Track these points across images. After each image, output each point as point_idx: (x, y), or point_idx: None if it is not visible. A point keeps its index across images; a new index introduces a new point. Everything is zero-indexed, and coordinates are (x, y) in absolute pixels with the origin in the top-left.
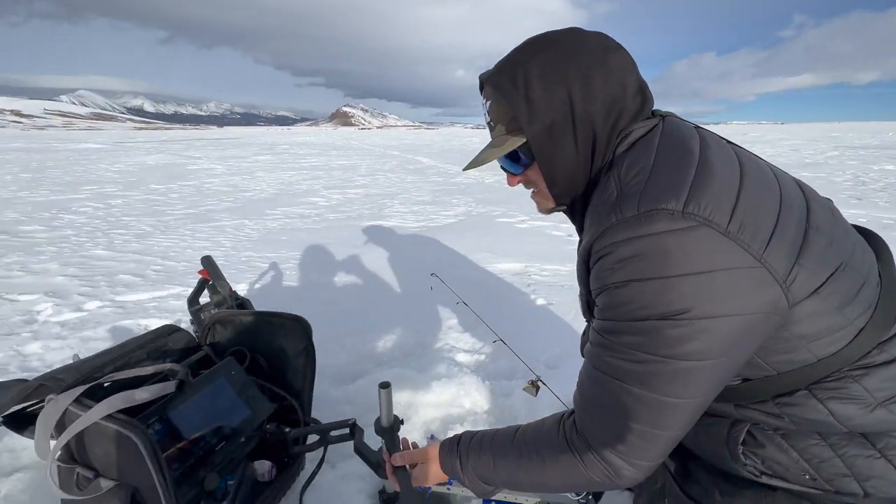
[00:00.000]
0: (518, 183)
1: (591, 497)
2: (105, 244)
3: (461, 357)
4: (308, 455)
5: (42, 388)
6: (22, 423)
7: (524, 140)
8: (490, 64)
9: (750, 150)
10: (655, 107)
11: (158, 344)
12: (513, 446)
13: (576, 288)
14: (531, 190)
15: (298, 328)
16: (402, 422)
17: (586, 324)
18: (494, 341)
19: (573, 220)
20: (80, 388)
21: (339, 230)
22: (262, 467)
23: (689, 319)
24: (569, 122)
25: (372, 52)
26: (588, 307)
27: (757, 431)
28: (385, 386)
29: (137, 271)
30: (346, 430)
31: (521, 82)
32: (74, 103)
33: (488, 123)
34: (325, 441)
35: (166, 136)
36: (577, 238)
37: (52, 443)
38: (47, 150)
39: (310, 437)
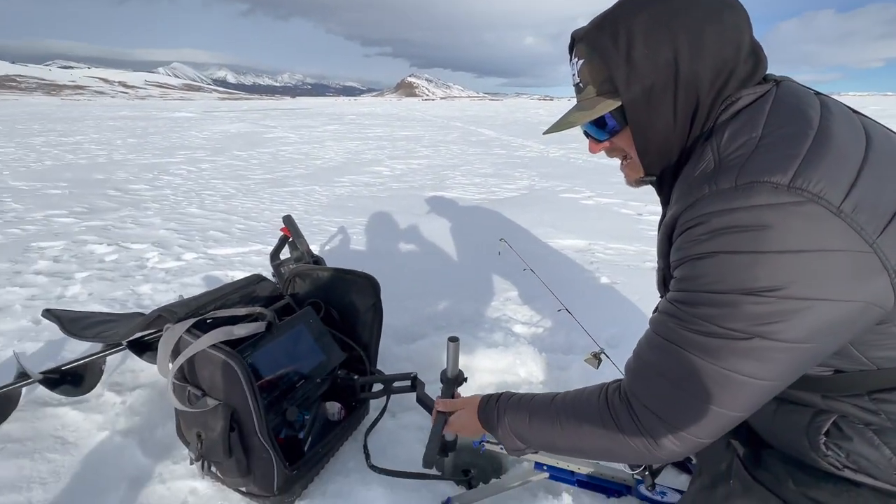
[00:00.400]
0: (600, 150)
1: (647, 473)
2: (197, 203)
3: (519, 328)
4: (372, 402)
5: (160, 318)
6: (142, 348)
7: (618, 104)
8: (561, 31)
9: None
10: None
11: (249, 290)
12: (551, 407)
13: (643, 269)
14: (620, 159)
15: (368, 285)
16: (465, 378)
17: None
18: (559, 310)
19: (660, 193)
20: (191, 321)
21: (402, 199)
22: (333, 408)
23: (778, 298)
24: (671, 85)
25: (440, 20)
26: (664, 282)
27: (844, 424)
28: (454, 340)
29: (224, 228)
30: (408, 382)
31: (623, 40)
32: (169, 75)
33: (576, 85)
34: (388, 390)
35: (246, 106)
36: (649, 217)
37: (170, 364)
38: (148, 118)
39: (375, 385)
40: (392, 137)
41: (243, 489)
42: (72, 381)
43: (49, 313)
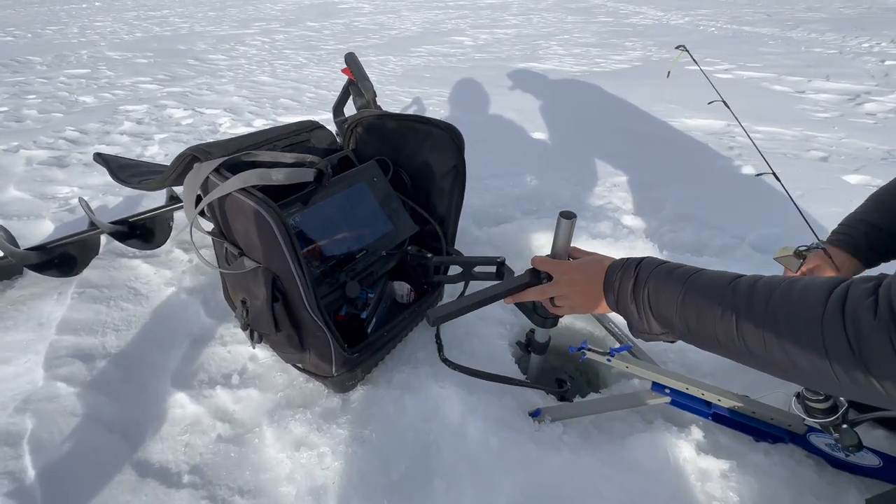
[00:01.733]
0: None
1: (842, 423)
2: (269, 72)
3: (630, 220)
4: (447, 287)
5: (193, 158)
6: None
7: None
8: None
9: None
10: None
11: (301, 138)
12: (728, 290)
13: (805, 159)
14: None
15: (448, 141)
16: None
17: None
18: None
19: None
20: (221, 159)
21: (486, 70)
22: (402, 289)
23: None
24: None
25: None
26: None
27: None
28: (568, 216)
29: (295, 97)
30: (493, 269)
31: None
32: None
33: None
34: (468, 275)
35: None
36: (815, 97)
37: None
38: None
39: (452, 268)
40: (475, 6)
41: (300, 366)
42: (141, 234)
43: (99, 157)
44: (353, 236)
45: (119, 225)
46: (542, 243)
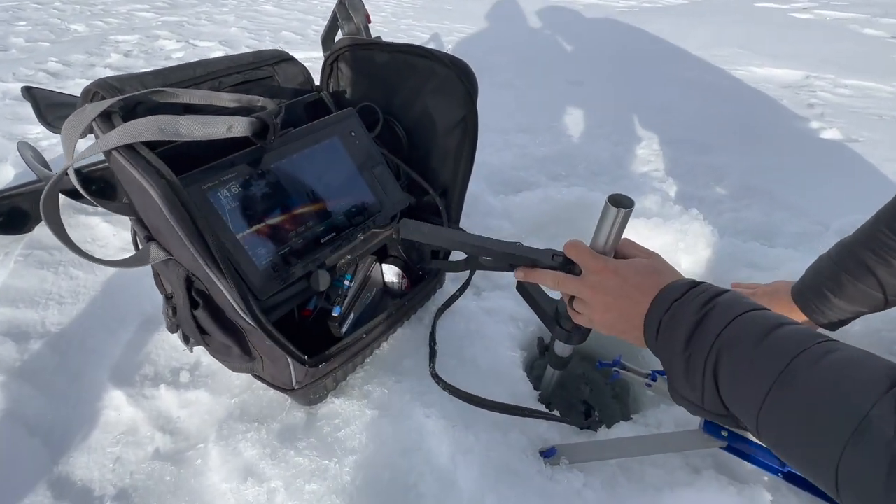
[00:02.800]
0: None
1: None
2: (275, 2)
3: (681, 192)
4: (448, 273)
5: (95, 94)
6: None
7: None
8: None
9: None
10: None
11: (261, 73)
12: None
13: None
14: None
15: (455, 83)
16: None
17: None
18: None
19: None
20: (112, 100)
21: (516, 4)
22: (390, 275)
23: None
24: None
25: None
26: None
27: None
28: (621, 203)
29: (300, 30)
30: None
31: None
32: None
33: None
34: (475, 263)
35: None
36: None
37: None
38: None
39: (454, 252)
40: None
41: (255, 374)
42: (98, 189)
43: (27, 92)
44: (318, 211)
45: (76, 175)
46: (571, 221)
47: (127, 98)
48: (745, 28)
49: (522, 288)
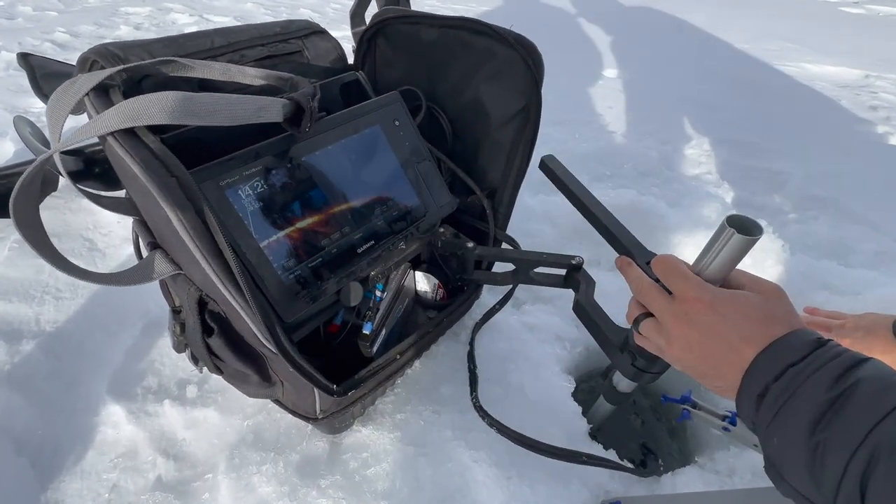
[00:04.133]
0: None
1: None
2: None
3: (738, 198)
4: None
5: (94, 63)
6: None
7: None
8: None
9: None
10: None
11: (289, 47)
12: None
13: None
14: None
15: (519, 66)
16: None
17: None
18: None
19: None
20: (114, 69)
21: None
22: (427, 283)
23: None
24: None
25: None
26: None
27: None
28: (748, 231)
29: (317, 7)
30: (563, 272)
31: None
32: None
33: None
34: (525, 276)
35: None
36: None
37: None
38: None
39: (498, 262)
40: None
41: (275, 400)
42: (101, 173)
43: (23, 59)
44: (355, 215)
45: (73, 156)
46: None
47: (130, 69)
48: (793, 22)
49: (581, 310)
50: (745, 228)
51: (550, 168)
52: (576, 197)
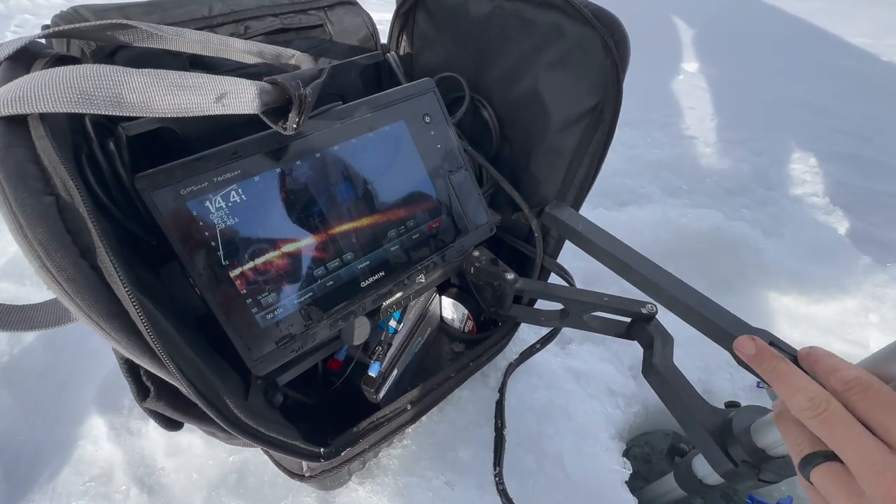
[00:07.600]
0: None
1: None
2: None
3: (849, 227)
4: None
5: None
6: None
7: None
8: None
9: None
10: None
11: (306, 20)
12: None
13: None
14: None
15: (596, 50)
16: None
17: None
18: None
19: None
20: (46, 33)
21: None
22: (452, 311)
23: None
24: None
25: None
26: None
27: None
28: None
29: None
30: (626, 321)
31: None
32: None
33: None
34: (575, 320)
35: None
36: None
37: None
38: None
39: (544, 298)
40: None
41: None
42: None
43: None
44: (361, 236)
45: None
46: (703, 258)
47: (89, 31)
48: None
49: (657, 377)
50: None
51: (561, 220)
52: (609, 254)
